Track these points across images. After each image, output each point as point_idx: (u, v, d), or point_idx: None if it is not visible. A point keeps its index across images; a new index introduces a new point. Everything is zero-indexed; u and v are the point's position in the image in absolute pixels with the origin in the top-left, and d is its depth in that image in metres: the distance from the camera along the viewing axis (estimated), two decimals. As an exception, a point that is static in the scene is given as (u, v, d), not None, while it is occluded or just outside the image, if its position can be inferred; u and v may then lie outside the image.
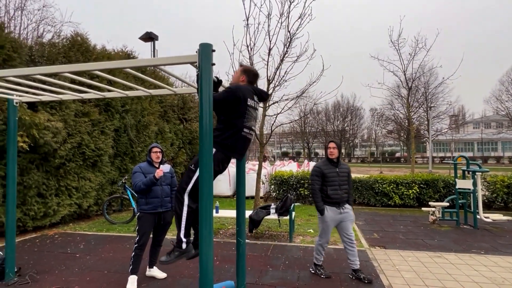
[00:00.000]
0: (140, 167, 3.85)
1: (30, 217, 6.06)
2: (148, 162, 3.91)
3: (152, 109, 9.60)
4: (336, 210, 3.88)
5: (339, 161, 3.98)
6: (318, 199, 3.92)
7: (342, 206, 3.90)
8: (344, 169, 4.00)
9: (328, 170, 3.90)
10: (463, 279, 3.90)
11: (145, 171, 3.79)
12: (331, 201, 3.87)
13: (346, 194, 3.92)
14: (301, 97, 7.64)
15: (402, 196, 8.90)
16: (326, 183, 3.90)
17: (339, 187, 3.88)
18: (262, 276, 4.01)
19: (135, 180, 3.72)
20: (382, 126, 45.51)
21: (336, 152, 3.96)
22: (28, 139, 5.46)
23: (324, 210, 3.88)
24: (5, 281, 3.82)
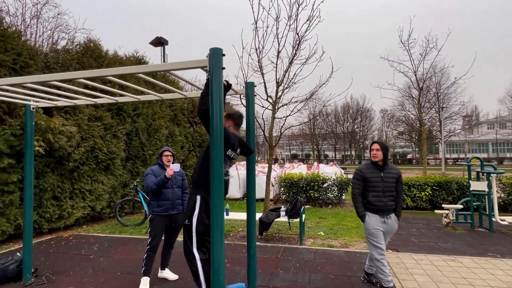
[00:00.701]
0: (152, 169, 3.92)
1: (45, 219, 6.21)
2: (159, 165, 3.97)
3: (163, 112, 9.74)
4: (379, 218, 3.49)
5: (386, 165, 3.54)
6: (358, 205, 3.57)
7: (387, 215, 3.49)
8: (392, 174, 3.54)
9: (371, 174, 3.50)
10: (478, 283, 3.82)
11: (156, 174, 3.84)
12: (373, 208, 3.50)
13: (392, 202, 3.49)
14: (310, 99, 7.62)
15: (414, 198, 8.76)
16: (368, 188, 3.51)
17: (383, 194, 3.46)
18: (273, 279, 4.01)
19: (146, 182, 3.78)
20: (393, 127, 44.98)
21: (380, 155, 3.50)
22: (43, 143, 5.62)
23: (365, 217, 3.53)
24: (22, 282, 3.93)
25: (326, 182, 9.61)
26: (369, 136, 53.53)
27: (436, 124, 29.95)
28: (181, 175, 4.03)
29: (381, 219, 3.48)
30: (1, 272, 3.89)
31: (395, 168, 3.63)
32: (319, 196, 9.55)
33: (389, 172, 3.53)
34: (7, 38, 5.51)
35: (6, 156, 5.35)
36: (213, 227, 2.31)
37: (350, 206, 9.59)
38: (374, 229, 3.50)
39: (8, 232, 5.56)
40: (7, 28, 5.69)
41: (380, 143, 3.56)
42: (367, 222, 3.54)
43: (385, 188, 3.48)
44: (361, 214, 3.56)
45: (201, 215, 2.80)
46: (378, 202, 3.46)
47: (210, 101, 2.37)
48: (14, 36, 5.65)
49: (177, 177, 3.94)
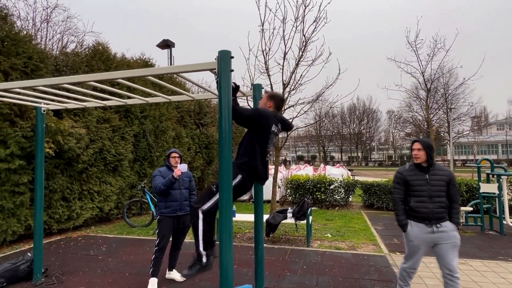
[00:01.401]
0: (160, 171, 3.95)
1: (55, 220, 6.30)
2: (167, 166, 3.99)
3: (170, 114, 9.81)
4: (425, 228, 2.94)
5: (432, 166, 3.02)
6: (398, 212, 3.09)
7: (436, 224, 2.92)
8: (440, 176, 2.99)
9: (413, 177, 3.03)
10: (489, 286, 3.76)
11: (164, 175, 3.87)
12: (417, 216, 2.98)
13: (442, 209, 2.95)
14: (317, 101, 7.61)
15: (423, 200, 8.65)
16: (410, 193, 3.02)
17: (429, 199, 2.94)
18: (280, 281, 4.01)
19: (155, 183, 3.81)
20: (399, 128, 44.56)
21: (423, 155, 3.00)
22: (53, 145, 5.70)
23: (407, 226, 3.03)
24: (33, 282, 3.99)
25: (332, 183, 9.57)
26: (376, 137, 53.16)
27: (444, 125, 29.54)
28: (188, 176, 4.05)
29: (428, 229, 2.92)
30: (12, 272, 3.95)
31: (444, 169, 3.10)
32: (325, 198, 9.51)
33: (436, 174, 3.01)
34: (19, 42, 5.62)
35: (17, 157, 5.44)
36: (222, 229, 2.32)
37: (357, 208, 9.53)
38: (415, 241, 2.97)
39: (18, 232, 5.64)
40: (19, 32, 5.80)
41: (422, 141, 3.05)
42: (408, 233, 3.03)
43: (431, 192, 2.95)
44: (401, 223, 3.06)
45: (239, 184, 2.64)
46: (423, 208, 2.94)
47: (218, 103, 2.38)
48: (25, 39, 5.76)
49: (184, 179, 3.97)
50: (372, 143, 53.85)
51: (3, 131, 5.24)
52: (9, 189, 5.43)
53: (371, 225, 7.20)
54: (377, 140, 55.45)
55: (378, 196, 9.20)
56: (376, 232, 6.59)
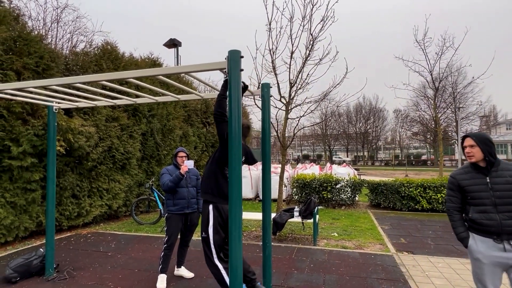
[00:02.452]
0: (167, 169, 4.00)
1: (65, 216, 6.41)
2: (174, 165, 4.05)
3: (177, 113, 9.89)
4: (495, 245, 2.29)
5: (493, 165, 2.37)
6: (455, 223, 2.51)
7: (509, 240, 2.26)
8: (507, 177, 2.33)
9: (469, 181, 2.42)
10: (498, 287, 3.73)
11: (171, 173, 3.91)
12: (481, 229, 2.36)
13: None
14: (324, 100, 7.60)
15: (430, 200, 8.60)
16: (469, 201, 2.44)
17: (494, 208, 2.31)
18: (288, 279, 4.03)
19: (163, 180, 3.85)
20: (407, 128, 44.14)
21: (477, 152, 2.40)
22: (64, 143, 5.81)
23: (467, 239, 2.43)
24: (45, 276, 4.08)
25: (339, 183, 9.55)
26: (382, 136, 52.71)
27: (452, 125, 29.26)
28: (195, 174, 4.09)
29: (497, 246, 2.28)
30: (25, 267, 4.04)
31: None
32: (332, 197, 9.49)
33: (501, 175, 2.34)
34: (30, 42, 5.72)
35: (29, 155, 5.55)
36: (232, 227, 2.35)
37: (364, 207, 9.51)
38: (482, 259, 2.34)
39: (30, 228, 5.76)
40: (30, 32, 5.90)
41: (475, 136, 2.45)
42: (470, 248, 2.42)
43: (497, 199, 2.31)
44: (460, 237, 2.47)
45: (215, 226, 2.87)
46: (486, 220, 2.32)
47: (228, 102, 2.41)
48: (37, 39, 5.86)
49: (191, 177, 4.01)
50: (378, 142, 53.41)
51: (16, 129, 5.35)
52: (21, 186, 5.55)
53: (377, 225, 7.18)
54: (384, 139, 55.00)
55: (385, 196, 9.16)
56: (383, 231, 6.57)
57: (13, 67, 5.43)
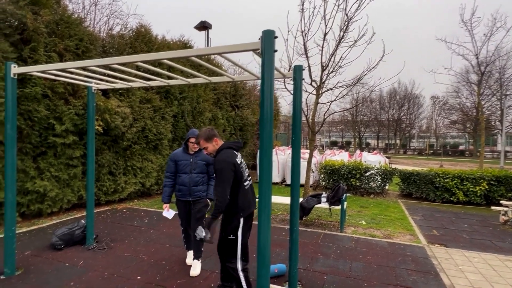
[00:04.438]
0: (174, 154, 3.72)
1: (103, 192, 6.83)
2: (183, 149, 3.71)
3: (207, 96, 10.00)
4: None
5: None
6: None
7: None
8: None
9: None
10: (541, 287, 3.50)
11: (178, 158, 3.66)
12: None
13: None
14: (358, 84, 7.31)
15: (467, 192, 8.14)
16: None
17: None
18: (313, 263, 4.05)
19: (166, 169, 3.78)
20: (444, 115, 41.58)
21: None
22: (102, 123, 6.11)
23: None
24: (86, 246, 4.41)
25: (369, 170, 9.29)
26: (416, 124, 50.16)
27: (497, 113, 27.09)
28: (205, 160, 3.67)
29: None
30: (69, 236, 4.39)
31: None
32: (360, 184, 9.29)
33: None
34: (71, 25, 5.97)
35: (71, 133, 5.91)
36: (261, 210, 2.37)
37: (394, 197, 9.22)
38: None
39: (72, 201, 6.22)
40: (71, 15, 6.15)
41: None
42: None
43: None
44: None
45: (244, 230, 2.88)
46: None
47: (261, 86, 2.38)
48: (77, 22, 6.10)
49: (198, 162, 3.66)
50: (412, 130, 50.94)
51: (59, 108, 5.69)
52: (64, 162, 5.96)
53: (408, 215, 6.95)
54: (418, 127, 52.32)
55: (417, 186, 8.80)
56: (414, 222, 6.35)
57: (55, 49, 5.72)
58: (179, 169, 3.66)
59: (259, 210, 2.37)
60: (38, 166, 5.65)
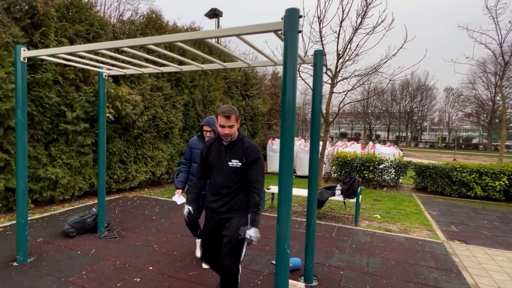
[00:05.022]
0: (191, 141, 3.62)
1: (114, 180, 6.81)
2: (198, 137, 3.60)
3: (218, 85, 9.83)
4: None
5: None
6: None
7: None
8: None
9: None
10: None
11: (193, 146, 3.57)
12: None
13: None
14: (375, 72, 7.03)
15: (486, 187, 7.86)
16: None
17: None
18: (328, 257, 3.93)
19: (183, 158, 3.69)
20: (458, 107, 40.52)
21: None
22: (113, 110, 6.02)
23: None
24: (98, 234, 4.38)
25: (382, 163, 9.05)
26: (429, 116, 49.06)
27: (514, 106, 26.20)
28: None
29: None
30: (81, 224, 4.36)
31: None
32: (373, 177, 9.07)
33: None
34: (81, 9, 5.84)
35: (82, 120, 5.85)
36: (281, 202, 2.24)
37: (408, 190, 8.99)
38: None
39: (84, 189, 6.21)
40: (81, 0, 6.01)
41: None
42: None
43: None
44: None
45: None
46: None
47: (283, 70, 2.20)
48: (87, 7, 5.96)
49: None
50: (424, 122, 49.89)
51: (70, 95, 5.61)
52: (75, 149, 5.92)
53: (424, 209, 6.74)
54: (430, 119, 51.20)
55: (433, 179, 8.54)
56: (431, 217, 6.15)
57: (66, 34, 5.60)
58: (193, 157, 3.56)
59: (279, 202, 2.24)
60: (50, 153, 5.62)
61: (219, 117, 2.40)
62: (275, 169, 11.09)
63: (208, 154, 2.55)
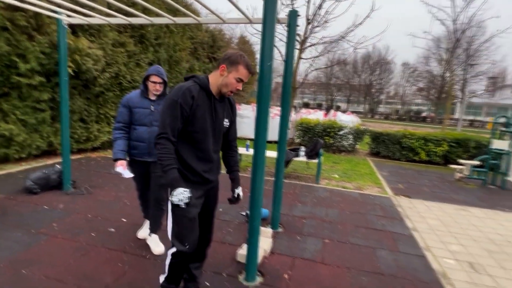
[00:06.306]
0: (129, 99, 2.76)
1: (74, 139, 6.51)
2: (141, 91, 2.77)
3: (184, 45, 9.46)
4: None
5: None
6: None
7: None
8: None
9: None
10: (487, 230, 4.05)
11: (133, 104, 2.73)
12: None
13: None
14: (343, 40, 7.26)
15: (429, 153, 8.82)
16: None
17: None
18: (292, 210, 4.31)
19: (116, 117, 2.79)
20: (412, 82, 43.20)
21: None
22: (72, 64, 5.62)
23: None
24: (64, 190, 4.30)
25: (342, 129, 9.65)
26: (385, 90, 51.81)
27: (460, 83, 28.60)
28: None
29: None
30: (45, 180, 4.23)
31: None
32: (333, 142, 9.68)
33: None
34: None
35: (37, 74, 5.40)
36: (257, 159, 2.41)
37: (363, 155, 9.77)
38: None
39: (42, 147, 5.89)
40: None
41: None
42: None
43: None
44: None
45: None
46: None
47: (262, 28, 2.27)
48: None
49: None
50: (380, 95, 52.69)
51: (22, 44, 5.11)
52: (30, 105, 5.51)
53: (376, 171, 7.46)
54: (386, 93, 54.15)
55: (385, 145, 9.35)
56: (382, 177, 6.85)
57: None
58: (134, 119, 2.74)
59: (254, 159, 2.42)
60: (1, 108, 5.19)
61: (243, 69, 1.81)
62: (241, 134, 11.26)
63: (195, 108, 1.78)
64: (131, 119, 2.75)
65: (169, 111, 1.73)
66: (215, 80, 1.85)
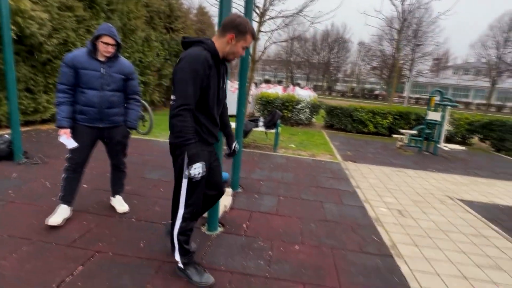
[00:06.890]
0: (74, 57, 2.44)
1: (20, 111, 6.08)
2: (89, 51, 2.48)
3: (139, 12, 9.00)
4: None
5: None
6: None
7: None
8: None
9: None
10: (416, 186, 4.74)
11: (79, 65, 2.44)
12: None
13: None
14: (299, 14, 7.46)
15: (377, 125, 9.66)
16: None
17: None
18: (251, 174, 4.62)
19: (59, 78, 2.48)
20: (367, 61, 45.32)
21: None
22: (14, 27, 5.17)
23: None
24: (15, 161, 4.13)
25: (300, 103, 10.09)
26: (342, 68, 53.80)
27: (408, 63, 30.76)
28: (123, 73, 2.64)
29: None
30: (-7, 150, 4.02)
31: None
32: (291, 116, 10.12)
33: None
34: None
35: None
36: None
37: (319, 128, 10.39)
38: None
39: (-16, 118, 5.47)
40: None
41: None
42: None
43: None
44: None
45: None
46: None
47: None
48: None
49: (113, 75, 2.57)
50: (338, 73, 54.66)
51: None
52: (-33, 72, 5.04)
53: (329, 141, 8.06)
54: (343, 71, 56.29)
55: (339, 118, 10.01)
56: (334, 146, 7.45)
57: None
58: (82, 81, 2.48)
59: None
60: None
61: (250, 38, 1.83)
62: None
63: (211, 77, 1.78)
64: (78, 81, 2.48)
65: (191, 81, 1.67)
66: (221, 47, 1.81)
